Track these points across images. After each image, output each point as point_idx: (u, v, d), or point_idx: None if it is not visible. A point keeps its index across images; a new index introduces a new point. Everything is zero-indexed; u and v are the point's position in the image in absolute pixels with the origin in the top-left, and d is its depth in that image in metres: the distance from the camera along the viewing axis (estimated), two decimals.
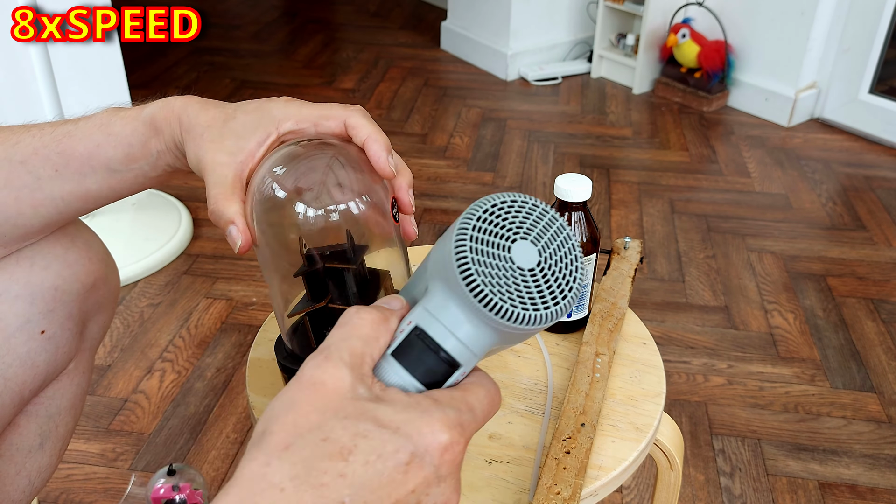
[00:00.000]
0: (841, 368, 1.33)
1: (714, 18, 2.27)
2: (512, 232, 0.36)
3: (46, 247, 0.57)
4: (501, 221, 0.36)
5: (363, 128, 0.48)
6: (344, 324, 0.36)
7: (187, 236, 1.61)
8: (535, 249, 0.36)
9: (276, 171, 0.48)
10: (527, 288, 0.36)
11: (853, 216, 1.79)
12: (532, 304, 0.35)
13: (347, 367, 0.34)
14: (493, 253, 0.35)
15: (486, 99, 2.37)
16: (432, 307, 0.37)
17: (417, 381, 0.36)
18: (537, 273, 0.36)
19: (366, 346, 0.35)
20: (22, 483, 0.61)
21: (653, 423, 0.64)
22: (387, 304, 0.38)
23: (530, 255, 0.36)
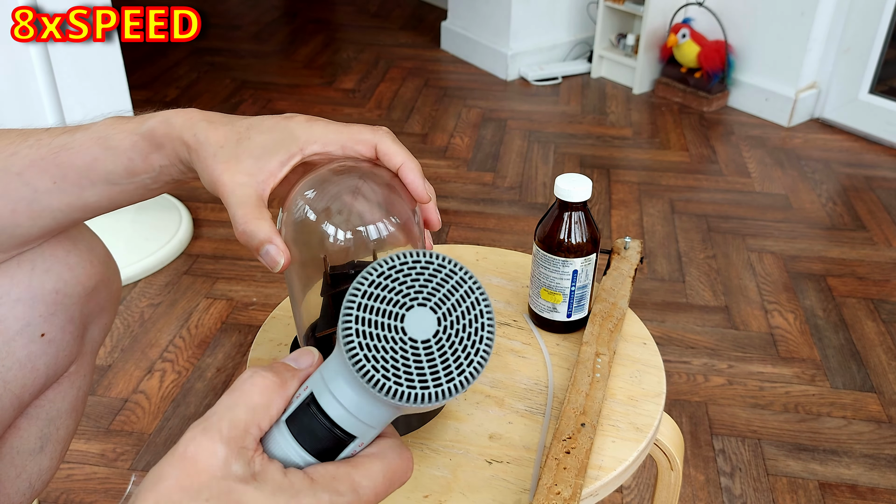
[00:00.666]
0: (841, 368, 1.33)
1: (714, 18, 2.27)
2: (409, 298, 0.33)
3: (48, 250, 0.57)
4: (397, 287, 0.33)
5: (396, 155, 0.48)
6: (234, 389, 0.34)
7: (187, 236, 1.61)
8: (435, 317, 0.33)
9: (309, 194, 0.47)
10: (418, 363, 0.32)
11: (853, 216, 1.79)
12: (421, 382, 0.32)
13: (224, 441, 0.32)
14: (381, 323, 0.32)
15: (487, 99, 2.37)
16: (327, 374, 0.34)
17: (307, 453, 0.34)
18: (433, 345, 0.33)
19: (252, 416, 0.33)
20: (22, 486, 0.61)
21: (653, 424, 0.64)
22: (293, 362, 0.36)
23: (427, 324, 0.33)
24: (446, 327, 0.33)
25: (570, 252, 0.68)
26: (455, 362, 0.33)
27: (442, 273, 0.33)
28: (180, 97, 2.33)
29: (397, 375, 0.32)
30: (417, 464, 0.60)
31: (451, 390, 0.32)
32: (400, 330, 0.32)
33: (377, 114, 2.26)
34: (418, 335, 0.32)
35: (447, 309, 0.33)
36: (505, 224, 1.73)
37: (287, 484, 0.32)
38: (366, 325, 0.32)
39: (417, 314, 0.33)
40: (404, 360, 0.32)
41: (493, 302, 0.77)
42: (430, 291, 0.33)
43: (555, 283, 0.70)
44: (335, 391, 0.34)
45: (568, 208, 0.68)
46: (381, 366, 0.32)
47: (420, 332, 0.33)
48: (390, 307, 0.32)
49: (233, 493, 0.31)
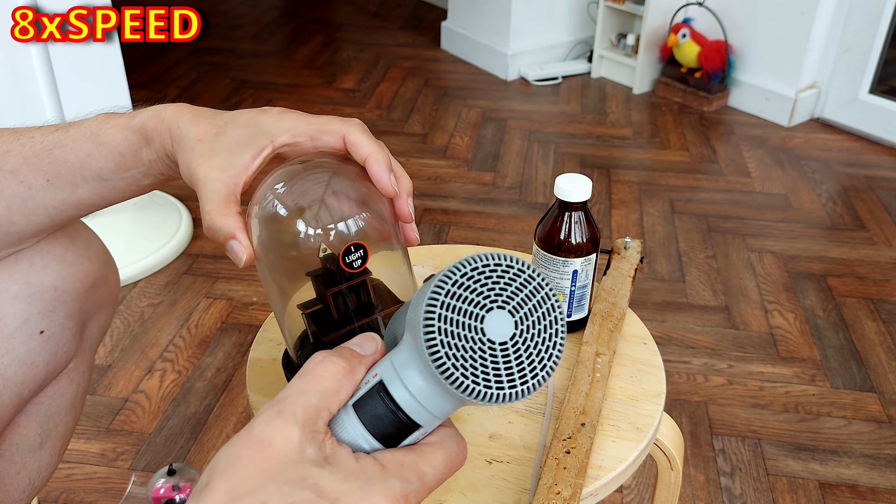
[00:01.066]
0: (841, 368, 1.33)
1: (714, 18, 2.27)
2: (489, 300, 0.34)
3: (45, 247, 0.57)
4: (478, 288, 0.34)
5: (363, 146, 0.47)
6: (305, 373, 0.35)
7: (187, 236, 1.61)
8: (513, 321, 0.34)
9: (277, 188, 0.47)
10: (494, 364, 0.33)
11: (853, 216, 1.79)
12: (497, 383, 0.33)
13: (299, 425, 0.33)
14: (463, 323, 0.33)
15: (487, 99, 2.37)
16: (398, 363, 0.35)
17: (373, 438, 0.35)
18: (509, 347, 0.34)
19: (323, 401, 0.34)
20: (22, 482, 0.61)
21: (653, 423, 0.64)
22: (359, 348, 0.37)
23: (505, 327, 0.34)
24: (523, 331, 0.34)
25: (570, 252, 0.68)
26: (529, 365, 0.34)
27: (521, 278, 0.34)
28: (180, 97, 2.33)
29: (475, 375, 0.33)
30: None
31: (525, 391, 0.34)
32: (479, 331, 0.33)
33: (377, 114, 2.26)
34: (496, 337, 0.34)
35: (524, 313, 0.34)
36: (505, 224, 1.73)
37: (360, 469, 0.33)
38: (448, 324, 0.33)
39: (496, 316, 0.34)
40: (482, 360, 0.33)
41: None
42: (508, 295, 0.34)
43: (555, 282, 0.70)
44: (406, 381, 0.35)
45: (568, 208, 0.68)
46: (461, 364, 0.33)
47: (498, 334, 0.34)
48: (471, 307, 0.34)
49: (309, 477, 0.32)
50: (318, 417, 0.34)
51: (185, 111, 0.48)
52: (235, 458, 0.33)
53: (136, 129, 0.48)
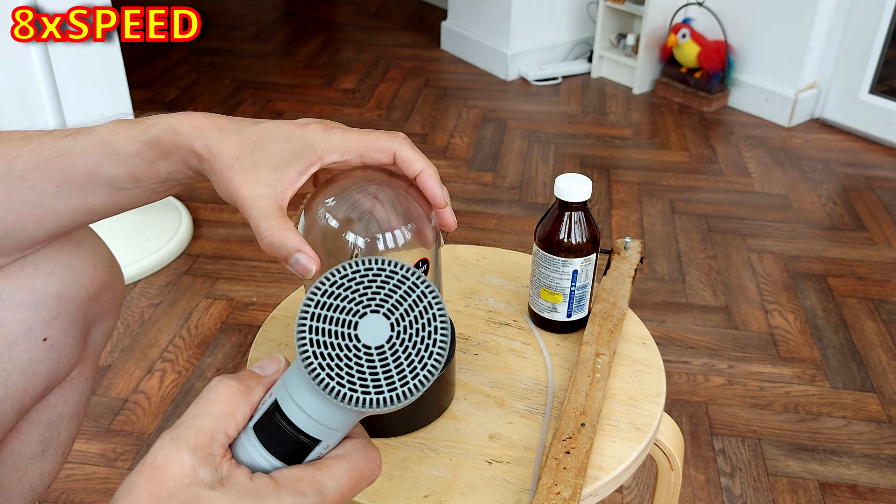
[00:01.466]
0: (841, 368, 1.33)
1: (714, 18, 2.27)
2: (361, 305, 0.34)
3: (51, 253, 0.57)
4: (350, 294, 0.33)
5: (415, 162, 0.49)
6: (200, 398, 0.36)
7: (187, 236, 1.62)
8: (388, 323, 0.34)
9: (329, 202, 0.48)
10: (371, 369, 0.33)
11: (853, 216, 1.79)
12: (375, 387, 0.33)
13: (190, 449, 0.33)
14: (333, 331, 0.33)
15: (487, 99, 2.37)
16: (289, 381, 0.35)
17: (273, 457, 0.35)
18: (386, 351, 0.33)
19: (217, 423, 0.34)
20: (23, 489, 0.61)
21: (653, 424, 0.64)
22: (259, 369, 0.37)
23: (380, 331, 0.33)
24: (399, 332, 0.34)
25: (570, 252, 0.68)
26: (409, 367, 0.33)
27: (394, 279, 0.34)
28: (180, 97, 2.33)
29: (352, 381, 0.33)
30: (417, 464, 0.59)
31: (405, 394, 0.33)
32: (353, 337, 0.33)
33: (377, 114, 2.26)
34: (371, 341, 0.33)
35: (400, 314, 0.34)
36: (505, 224, 1.73)
37: (252, 488, 0.33)
38: (319, 334, 0.33)
39: (370, 321, 0.33)
40: (358, 366, 0.33)
41: (494, 302, 0.78)
42: (382, 298, 0.34)
43: (555, 283, 0.70)
44: (297, 398, 0.35)
45: (568, 208, 0.68)
46: (336, 373, 0.33)
47: (373, 339, 0.33)
48: (343, 315, 0.33)
49: (199, 498, 0.32)
50: (212, 440, 0.34)
51: (208, 125, 0.47)
52: (131, 486, 0.33)
53: (150, 142, 0.48)
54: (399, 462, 0.60)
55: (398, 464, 0.59)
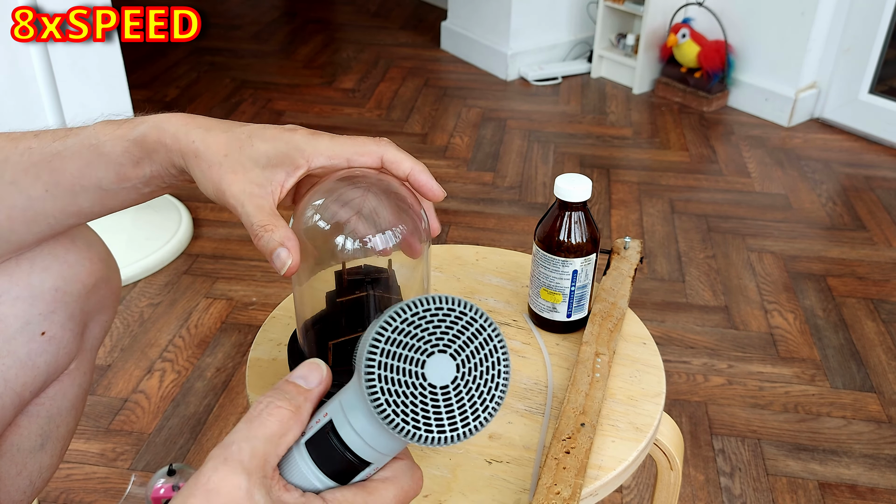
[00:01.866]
0: (841, 368, 1.33)
1: (714, 18, 2.27)
2: (430, 345, 0.34)
3: (46, 248, 0.57)
4: (419, 332, 0.34)
5: (403, 161, 0.49)
6: (252, 419, 0.36)
7: (187, 236, 1.61)
8: (454, 364, 0.34)
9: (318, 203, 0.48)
10: (435, 408, 0.34)
11: (853, 216, 1.79)
12: (438, 426, 0.34)
13: (245, 472, 0.33)
14: (403, 369, 0.34)
15: (487, 99, 2.37)
16: (346, 404, 0.36)
17: (324, 475, 0.36)
18: (450, 391, 0.34)
19: (269, 446, 0.35)
20: (23, 483, 0.61)
21: (653, 423, 0.64)
22: (303, 381, 0.37)
23: (446, 371, 0.34)
24: (464, 374, 0.34)
25: (569, 252, 0.68)
26: (471, 408, 0.34)
27: (464, 319, 0.35)
28: (180, 97, 2.33)
29: (416, 420, 0.34)
30: (417, 463, 0.59)
31: (466, 434, 0.34)
32: (420, 376, 0.34)
33: (377, 114, 2.26)
34: (437, 381, 0.34)
35: (466, 356, 0.34)
36: (505, 224, 1.73)
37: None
38: (388, 371, 0.33)
39: (437, 360, 0.34)
40: (423, 405, 0.34)
41: (494, 302, 0.78)
42: (450, 338, 0.34)
43: (554, 282, 0.70)
44: (354, 423, 0.35)
45: (568, 208, 0.68)
46: (402, 410, 0.33)
47: (439, 378, 0.34)
48: (411, 353, 0.34)
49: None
50: (265, 462, 0.34)
51: (194, 124, 0.47)
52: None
53: (135, 141, 0.48)
54: None
55: None
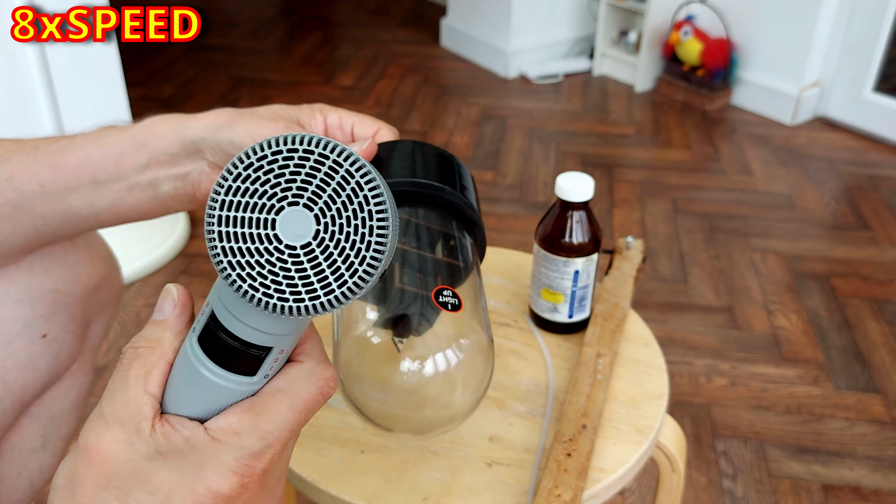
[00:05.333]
0: (844, 369, 1.32)
1: (717, 16, 2.26)
2: (276, 199, 0.28)
3: (46, 250, 0.56)
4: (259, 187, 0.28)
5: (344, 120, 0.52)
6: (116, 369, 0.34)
7: (184, 236, 1.60)
8: (311, 216, 0.28)
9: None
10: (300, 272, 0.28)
11: (857, 216, 1.78)
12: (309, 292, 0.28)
13: (119, 423, 0.32)
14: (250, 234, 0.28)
15: (487, 96, 2.36)
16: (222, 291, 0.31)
17: (228, 372, 0.32)
18: (315, 248, 0.28)
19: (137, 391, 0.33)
20: (23, 484, 0.61)
21: (655, 425, 0.63)
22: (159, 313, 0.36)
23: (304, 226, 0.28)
24: (327, 225, 0.28)
25: (571, 252, 0.67)
26: (345, 263, 0.28)
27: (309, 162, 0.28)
28: (177, 95, 2.32)
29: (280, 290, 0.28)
30: (416, 466, 0.58)
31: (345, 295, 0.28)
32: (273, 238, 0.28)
33: (376, 111, 2.25)
34: (295, 240, 0.28)
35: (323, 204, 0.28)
36: (505, 223, 1.72)
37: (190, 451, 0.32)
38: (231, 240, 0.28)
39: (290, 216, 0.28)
40: (284, 270, 0.28)
41: (494, 302, 0.76)
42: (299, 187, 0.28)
43: (556, 283, 0.69)
44: (231, 308, 0.31)
45: (569, 207, 0.67)
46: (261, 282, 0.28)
47: (296, 237, 0.28)
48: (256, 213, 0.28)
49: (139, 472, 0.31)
50: (140, 407, 0.33)
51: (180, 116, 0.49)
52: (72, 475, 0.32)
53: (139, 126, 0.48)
54: (398, 464, 0.59)
55: (397, 466, 0.58)
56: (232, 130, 0.46)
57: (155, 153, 0.48)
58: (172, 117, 0.48)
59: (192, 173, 0.48)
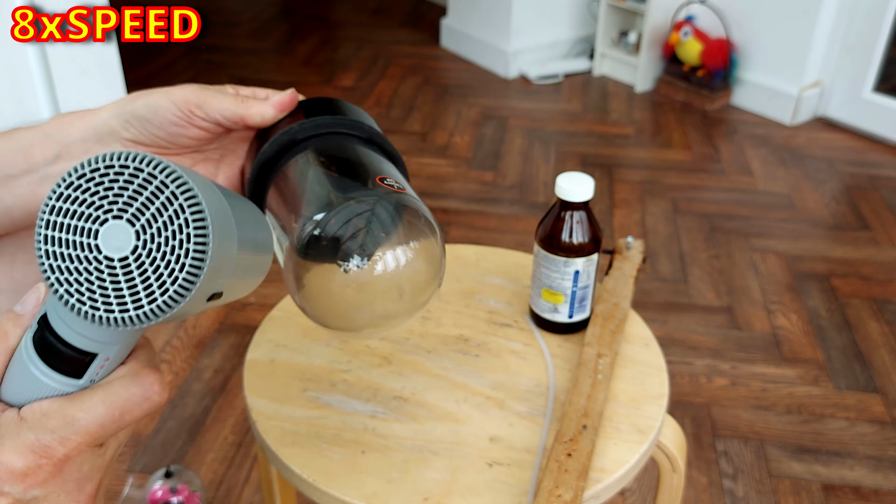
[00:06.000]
0: (845, 369, 1.32)
1: (717, 16, 2.26)
2: (102, 211, 0.30)
3: (29, 242, 0.56)
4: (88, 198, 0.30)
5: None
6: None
7: None
8: (133, 231, 0.30)
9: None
10: (114, 283, 0.30)
11: (857, 216, 1.78)
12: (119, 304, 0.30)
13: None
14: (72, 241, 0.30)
15: (487, 97, 2.36)
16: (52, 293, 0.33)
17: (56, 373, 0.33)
18: (131, 263, 0.30)
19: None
20: None
21: (655, 425, 0.63)
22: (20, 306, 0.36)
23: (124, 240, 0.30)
24: (146, 241, 0.30)
25: (571, 252, 0.67)
26: (158, 280, 0.30)
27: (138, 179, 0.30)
28: None
29: (93, 298, 0.30)
30: (417, 466, 0.58)
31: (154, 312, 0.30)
32: (93, 248, 0.30)
33: (376, 112, 2.25)
34: (114, 252, 0.30)
35: (146, 221, 0.30)
36: (506, 223, 1.72)
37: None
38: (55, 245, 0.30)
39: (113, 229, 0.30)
40: (100, 280, 0.30)
41: (494, 302, 0.76)
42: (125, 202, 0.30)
43: (556, 283, 0.69)
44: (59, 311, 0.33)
45: (570, 208, 0.67)
46: (76, 288, 0.30)
47: (115, 250, 0.30)
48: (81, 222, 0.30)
49: None
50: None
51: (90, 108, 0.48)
52: None
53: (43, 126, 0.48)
54: (399, 464, 0.59)
55: (398, 466, 0.58)
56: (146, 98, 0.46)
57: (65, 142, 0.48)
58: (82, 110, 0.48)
59: None
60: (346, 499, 0.56)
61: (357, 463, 0.59)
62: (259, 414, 0.63)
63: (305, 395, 0.65)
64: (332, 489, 0.57)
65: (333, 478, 0.58)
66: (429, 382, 0.66)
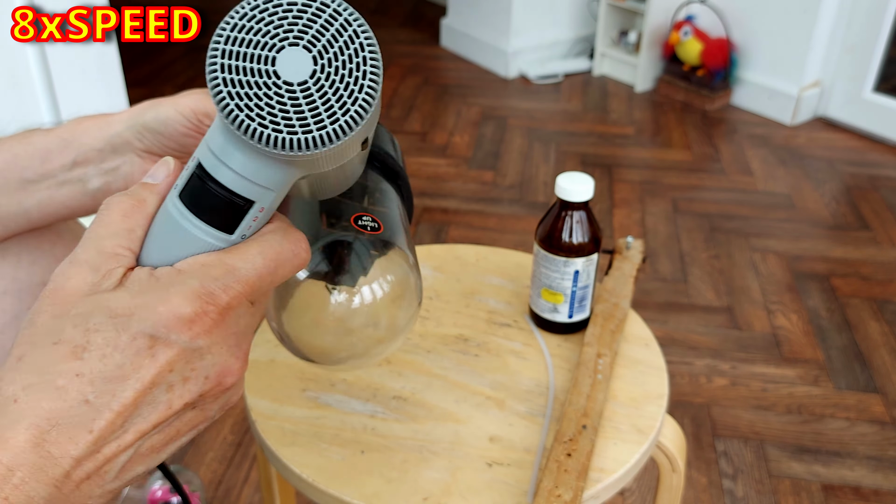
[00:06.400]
0: (845, 369, 1.32)
1: (717, 16, 2.26)
2: (277, 39, 0.30)
3: (33, 242, 0.56)
4: (264, 27, 0.30)
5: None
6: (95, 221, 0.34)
7: None
8: (310, 56, 0.30)
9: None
10: (295, 106, 0.30)
11: (857, 216, 1.78)
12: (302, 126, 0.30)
13: (92, 267, 0.32)
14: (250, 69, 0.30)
15: (487, 97, 2.36)
16: (211, 139, 0.33)
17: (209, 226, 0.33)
18: (311, 86, 0.30)
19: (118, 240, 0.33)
20: None
21: (655, 425, 0.63)
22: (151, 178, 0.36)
23: (302, 65, 0.30)
24: (323, 66, 0.30)
25: (571, 252, 0.67)
26: (338, 101, 0.30)
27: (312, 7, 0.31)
28: None
29: (275, 121, 0.30)
30: (416, 466, 0.58)
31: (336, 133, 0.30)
32: (272, 74, 0.30)
33: None
34: (293, 77, 0.30)
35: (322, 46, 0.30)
36: (506, 223, 1.72)
37: (153, 280, 0.32)
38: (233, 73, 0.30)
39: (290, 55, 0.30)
40: (280, 104, 0.30)
41: (494, 302, 0.76)
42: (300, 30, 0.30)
43: (556, 283, 0.69)
44: (221, 155, 0.32)
45: (569, 207, 0.67)
46: (257, 112, 0.30)
47: (294, 74, 0.30)
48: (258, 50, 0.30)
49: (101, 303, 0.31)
50: (115, 257, 0.33)
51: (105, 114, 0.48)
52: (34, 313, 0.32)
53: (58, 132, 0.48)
54: (398, 464, 0.59)
55: (397, 466, 0.58)
56: (155, 109, 0.46)
57: (81, 150, 0.48)
58: (97, 115, 0.48)
59: (121, 167, 0.48)
60: (345, 498, 0.56)
61: (357, 463, 0.59)
62: (258, 414, 0.63)
63: (305, 395, 0.65)
64: (331, 489, 0.57)
65: (333, 478, 0.58)
66: (428, 382, 0.66)
